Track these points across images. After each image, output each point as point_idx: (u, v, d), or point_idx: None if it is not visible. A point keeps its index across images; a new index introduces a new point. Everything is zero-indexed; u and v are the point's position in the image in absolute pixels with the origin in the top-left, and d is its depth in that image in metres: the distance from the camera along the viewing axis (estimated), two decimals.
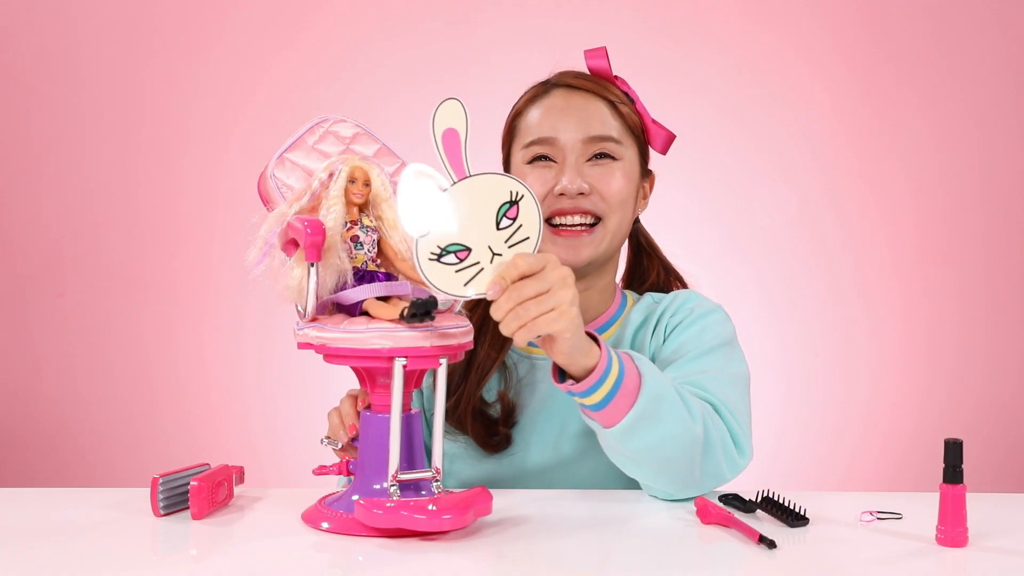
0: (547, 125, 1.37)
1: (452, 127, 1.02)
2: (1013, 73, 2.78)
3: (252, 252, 1.10)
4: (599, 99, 1.39)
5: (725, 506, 1.15)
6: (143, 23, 2.80)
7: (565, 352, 1.08)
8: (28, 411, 2.83)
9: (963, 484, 1.04)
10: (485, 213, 1.04)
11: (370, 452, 1.10)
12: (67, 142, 2.80)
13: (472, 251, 1.04)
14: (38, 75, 2.79)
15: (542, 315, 1.04)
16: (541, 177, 1.36)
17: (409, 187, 1.02)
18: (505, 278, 1.04)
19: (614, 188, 1.36)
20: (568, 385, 1.11)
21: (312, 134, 1.15)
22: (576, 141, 1.36)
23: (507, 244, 1.05)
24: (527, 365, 1.41)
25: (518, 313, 1.04)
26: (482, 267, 1.04)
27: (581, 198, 1.35)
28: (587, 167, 1.36)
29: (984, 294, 2.79)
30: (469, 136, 1.03)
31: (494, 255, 1.05)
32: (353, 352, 1.06)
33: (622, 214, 1.38)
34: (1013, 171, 2.79)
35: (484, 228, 1.04)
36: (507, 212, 1.05)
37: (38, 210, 2.81)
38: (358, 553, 1.03)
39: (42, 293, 2.82)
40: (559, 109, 1.38)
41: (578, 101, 1.39)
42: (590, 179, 1.35)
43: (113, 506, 1.16)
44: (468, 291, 1.04)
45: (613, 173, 1.36)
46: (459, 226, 1.03)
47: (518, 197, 1.05)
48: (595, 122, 1.37)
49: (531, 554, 1.04)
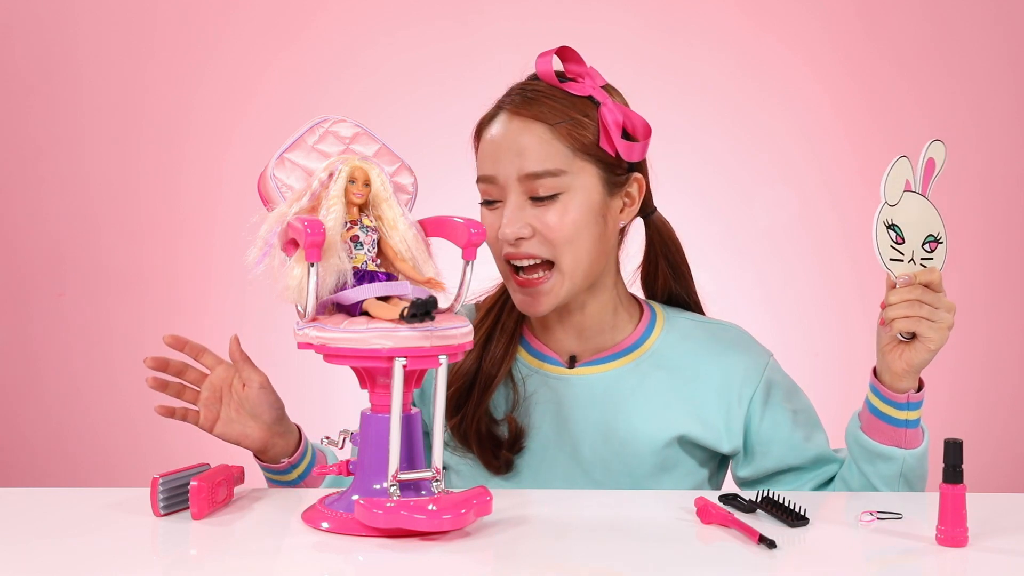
0: (488, 162, 1.32)
1: (933, 158, 1.25)
2: (1013, 73, 2.78)
3: (252, 252, 1.10)
4: (539, 124, 1.30)
5: (725, 506, 1.15)
6: (143, 23, 2.79)
7: (916, 364, 1.24)
8: (28, 411, 2.82)
9: (963, 484, 1.04)
10: (923, 229, 1.24)
11: (370, 452, 1.10)
12: (67, 142, 2.80)
13: (905, 244, 1.22)
14: (38, 75, 2.79)
15: (926, 319, 1.21)
16: (491, 219, 1.32)
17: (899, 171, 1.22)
18: (916, 277, 1.21)
19: (555, 227, 1.29)
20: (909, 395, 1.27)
21: (312, 134, 1.15)
22: (512, 180, 1.30)
23: (922, 259, 1.24)
24: (537, 381, 1.38)
25: (912, 306, 1.21)
26: (907, 259, 1.23)
27: (523, 243, 1.29)
28: (530, 207, 1.30)
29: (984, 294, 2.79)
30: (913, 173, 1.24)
31: (915, 260, 1.24)
32: (353, 352, 1.06)
33: (576, 250, 1.30)
34: (1013, 171, 2.79)
35: (918, 237, 1.24)
36: (930, 243, 1.24)
37: (38, 210, 2.81)
38: (358, 553, 1.03)
39: (42, 293, 2.82)
40: (495, 144, 1.31)
41: (513, 133, 1.30)
42: (532, 220, 1.29)
43: (113, 506, 1.16)
44: (888, 264, 1.22)
45: (560, 210, 1.29)
46: (907, 219, 1.23)
47: (940, 238, 1.25)
48: (530, 157, 1.29)
49: (531, 554, 1.04)
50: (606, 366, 1.38)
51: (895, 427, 1.28)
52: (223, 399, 1.32)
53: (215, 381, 1.33)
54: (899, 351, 1.24)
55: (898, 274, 1.22)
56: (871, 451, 1.29)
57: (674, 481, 1.37)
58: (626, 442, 1.35)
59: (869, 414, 1.30)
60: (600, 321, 1.39)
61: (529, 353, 1.41)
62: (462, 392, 1.37)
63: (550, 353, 1.40)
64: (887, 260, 1.22)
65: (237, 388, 1.32)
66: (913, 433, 1.29)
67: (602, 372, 1.38)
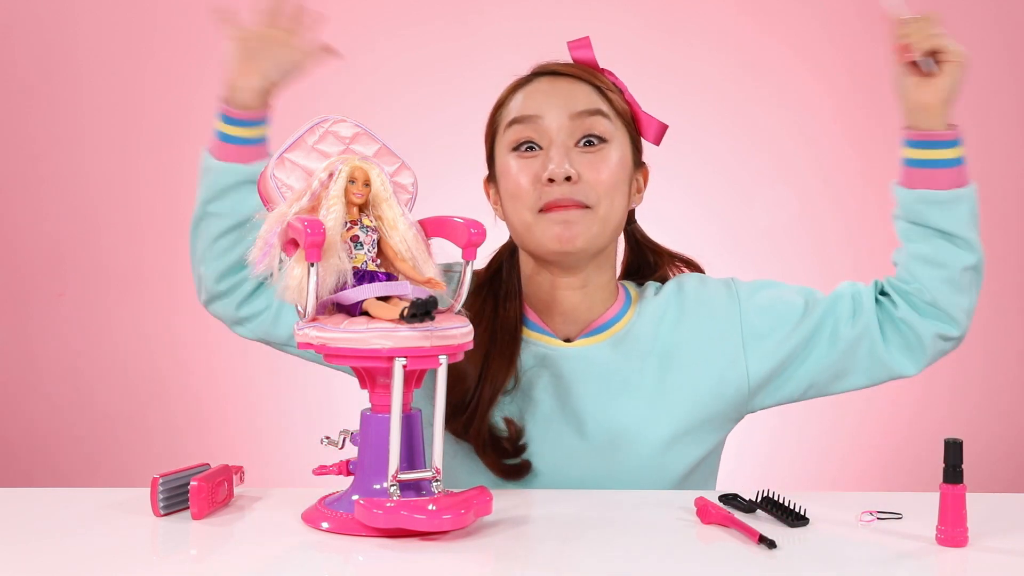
0: (531, 104, 1.34)
1: None
2: (1013, 73, 2.78)
3: (252, 252, 1.10)
4: (585, 83, 1.35)
5: (725, 506, 1.15)
6: (143, 23, 2.79)
7: (947, 88, 1.22)
8: (28, 411, 2.82)
9: (963, 484, 1.04)
10: None
11: (370, 452, 1.10)
12: (67, 142, 2.80)
13: None
14: (38, 75, 2.79)
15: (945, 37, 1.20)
16: (527, 167, 1.32)
17: None
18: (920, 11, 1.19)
19: (604, 175, 1.31)
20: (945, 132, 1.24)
21: (312, 134, 1.15)
22: (562, 119, 1.32)
23: None
24: (535, 355, 1.36)
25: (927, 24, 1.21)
26: None
27: (570, 185, 1.30)
28: (576, 153, 1.32)
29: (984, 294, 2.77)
30: None
31: None
32: (353, 352, 1.06)
33: (612, 201, 1.32)
34: (1013, 171, 2.79)
35: None
36: None
37: (38, 210, 2.81)
38: (358, 553, 1.03)
39: (42, 293, 2.82)
40: (543, 92, 1.35)
41: (563, 84, 1.35)
42: (579, 167, 1.31)
43: (113, 506, 1.16)
44: None
45: (603, 159, 1.32)
46: None
47: None
48: (581, 99, 1.33)
49: (531, 554, 1.04)
50: (596, 338, 1.38)
51: (949, 168, 1.27)
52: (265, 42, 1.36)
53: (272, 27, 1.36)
54: (927, 83, 1.24)
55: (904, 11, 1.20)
56: (939, 202, 1.28)
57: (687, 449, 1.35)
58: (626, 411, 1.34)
59: (916, 170, 1.29)
60: (597, 303, 1.39)
61: (527, 327, 1.39)
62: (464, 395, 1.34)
63: (546, 327, 1.39)
64: None
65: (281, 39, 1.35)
66: (965, 171, 1.27)
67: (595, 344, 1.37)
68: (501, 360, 1.34)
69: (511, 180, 1.34)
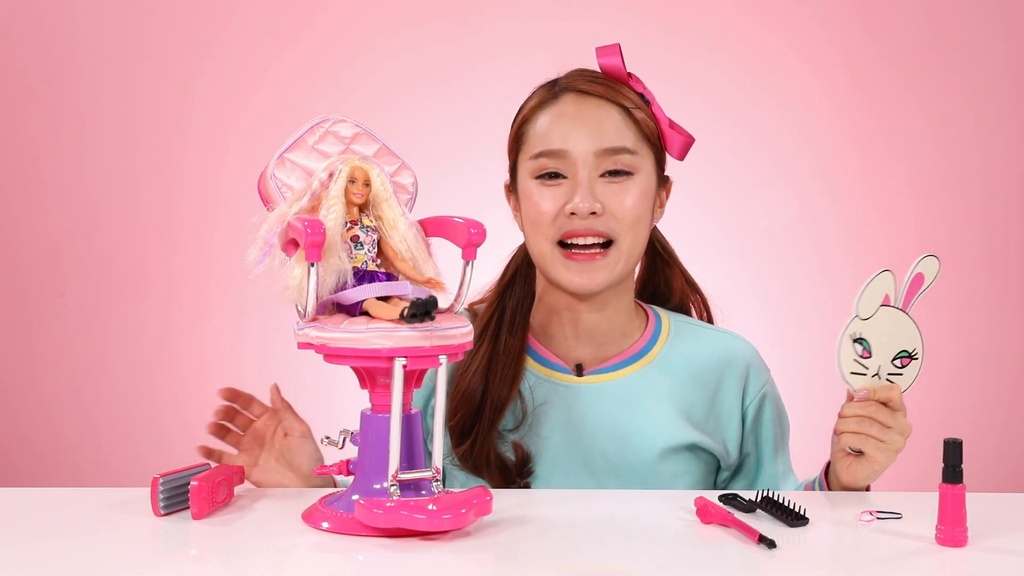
0: (557, 135, 1.31)
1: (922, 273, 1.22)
2: (1013, 73, 2.78)
3: (252, 252, 1.10)
4: (612, 105, 1.32)
5: (725, 506, 1.15)
6: (143, 23, 2.79)
7: (861, 479, 1.24)
8: (28, 411, 2.82)
9: (963, 484, 1.04)
10: (894, 344, 1.22)
11: (370, 452, 1.10)
12: (67, 142, 2.80)
13: (872, 358, 1.22)
14: (38, 75, 2.79)
15: (874, 439, 1.21)
16: (551, 196, 1.31)
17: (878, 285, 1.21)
18: (875, 392, 1.21)
19: (627, 207, 1.30)
20: None
21: (312, 134, 1.15)
22: (588, 154, 1.30)
23: (889, 375, 1.23)
24: (547, 390, 1.37)
25: (862, 423, 1.21)
26: (870, 374, 1.22)
27: (593, 219, 1.29)
28: (600, 184, 1.30)
29: (984, 294, 2.79)
30: None
31: (880, 375, 1.23)
32: (353, 352, 1.06)
33: (636, 233, 1.32)
34: (1013, 171, 2.79)
35: (888, 352, 1.22)
36: (902, 359, 1.22)
37: (38, 210, 2.81)
38: (358, 553, 1.03)
39: (42, 293, 2.82)
40: (570, 117, 1.32)
41: (590, 109, 1.32)
42: (603, 198, 1.30)
43: (113, 506, 1.16)
44: (848, 377, 1.22)
45: (627, 191, 1.31)
46: (878, 334, 1.21)
47: (915, 355, 1.23)
48: (608, 132, 1.31)
49: (531, 554, 1.04)
50: (615, 374, 1.38)
51: None
52: (264, 446, 1.33)
53: (258, 427, 1.34)
54: (847, 462, 1.25)
55: (856, 388, 1.22)
56: None
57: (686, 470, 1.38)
58: (638, 450, 1.34)
59: None
60: (617, 326, 1.38)
61: (536, 361, 1.39)
62: (468, 418, 1.34)
63: (557, 360, 1.39)
64: (847, 373, 1.22)
65: (279, 437, 1.33)
66: None
67: (612, 380, 1.37)
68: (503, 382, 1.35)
69: (533, 207, 1.33)
